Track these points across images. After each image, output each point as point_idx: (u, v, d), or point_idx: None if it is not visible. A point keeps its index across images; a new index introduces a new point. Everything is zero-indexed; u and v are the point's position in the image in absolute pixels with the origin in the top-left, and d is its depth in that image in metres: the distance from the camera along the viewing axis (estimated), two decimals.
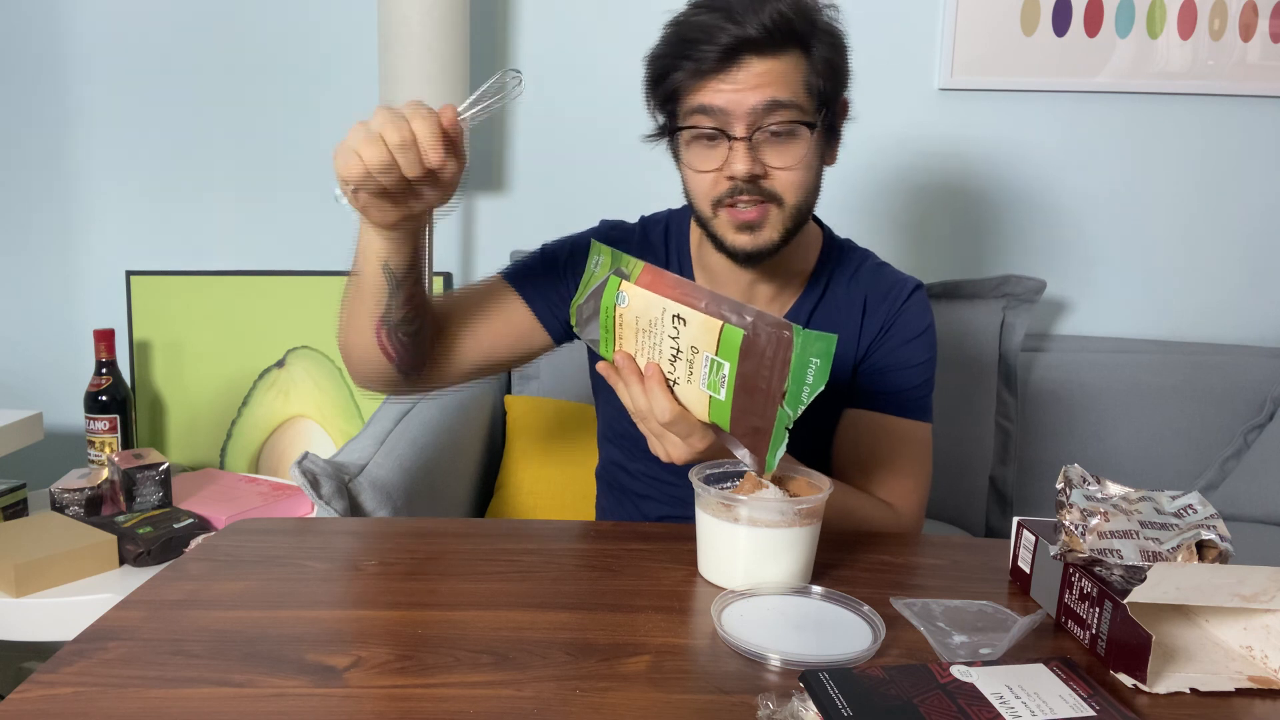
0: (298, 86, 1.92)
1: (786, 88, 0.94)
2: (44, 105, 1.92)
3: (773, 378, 0.73)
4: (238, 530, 0.92)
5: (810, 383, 0.72)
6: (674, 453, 0.83)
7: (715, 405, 0.78)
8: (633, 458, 1.17)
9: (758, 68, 0.93)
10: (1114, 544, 0.72)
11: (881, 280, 1.12)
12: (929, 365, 1.11)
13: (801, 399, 0.72)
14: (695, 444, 0.82)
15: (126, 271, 1.90)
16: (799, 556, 0.79)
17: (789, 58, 0.94)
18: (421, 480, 1.30)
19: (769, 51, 0.93)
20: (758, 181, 0.95)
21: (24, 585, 1.32)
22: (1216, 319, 1.98)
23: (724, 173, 0.95)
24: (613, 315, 0.84)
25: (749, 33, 0.91)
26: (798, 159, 0.96)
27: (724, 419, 0.78)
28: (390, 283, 0.92)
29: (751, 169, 0.94)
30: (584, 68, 1.90)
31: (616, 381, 0.84)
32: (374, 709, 0.61)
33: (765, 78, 0.93)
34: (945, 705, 0.59)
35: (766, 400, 0.74)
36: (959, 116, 1.91)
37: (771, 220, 0.97)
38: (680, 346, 0.79)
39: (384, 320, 0.96)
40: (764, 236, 0.98)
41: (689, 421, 0.81)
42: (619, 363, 0.83)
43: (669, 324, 0.79)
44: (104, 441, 1.71)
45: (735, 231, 0.98)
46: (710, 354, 0.77)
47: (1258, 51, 1.87)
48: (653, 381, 0.81)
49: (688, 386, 0.80)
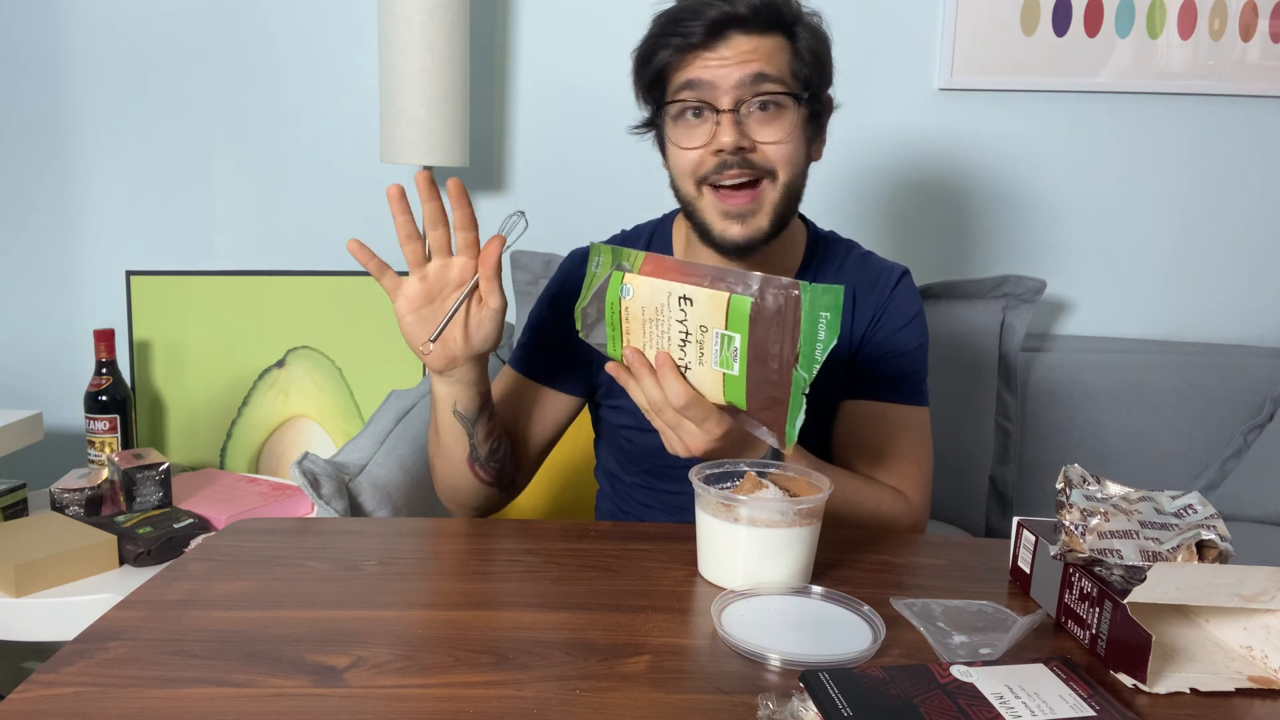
0: (298, 86, 1.92)
1: (772, 64, 0.95)
2: (44, 105, 1.92)
3: (784, 340, 0.73)
4: (238, 530, 0.92)
5: (823, 339, 0.72)
6: (692, 443, 0.82)
7: (730, 383, 0.78)
8: (628, 470, 1.17)
9: (744, 45, 0.94)
10: (1114, 544, 0.72)
11: (868, 269, 1.12)
12: (923, 350, 1.11)
13: (815, 357, 0.73)
14: (712, 429, 0.81)
15: (126, 271, 1.90)
16: (799, 556, 0.79)
17: (774, 39, 0.95)
18: (421, 480, 1.30)
19: (755, 30, 0.94)
20: (745, 155, 0.95)
21: (24, 585, 1.32)
22: (1216, 319, 1.98)
23: (710, 147, 0.95)
24: (618, 310, 0.84)
25: (737, 10, 0.93)
26: (786, 132, 0.96)
27: (739, 395, 0.78)
28: (465, 425, 0.97)
29: (738, 141, 0.94)
30: (584, 68, 1.90)
31: (627, 380, 0.84)
32: (374, 709, 0.61)
33: (752, 54, 0.94)
34: (945, 705, 0.59)
35: (781, 366, 0.74)
36: (959, 116, 1.91)
37: (765, 203, 0.97)
38: (689, 328, 0.79)
39: (473, 457, 1.00)
40: (755, 224, 0.98)
41: (704, 406, 0.80)
42: (628, 358, 0.83)
43: (676, 307, 0.79)
44: (104, 441, 1.71)
45: (724, 220, 0.98)
46: (720, 329, 0.76)
47: (1258, 51, 1.87)
48: (664, 368, 0.80)
49: (700, 369, 0.79)
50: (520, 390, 1.11)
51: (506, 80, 1.93)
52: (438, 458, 1.03)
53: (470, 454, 0.99)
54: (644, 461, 1.13)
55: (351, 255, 0.91)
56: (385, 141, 1.72)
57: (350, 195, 1.95)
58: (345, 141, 1.92)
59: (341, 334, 1.90)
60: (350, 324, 1.90)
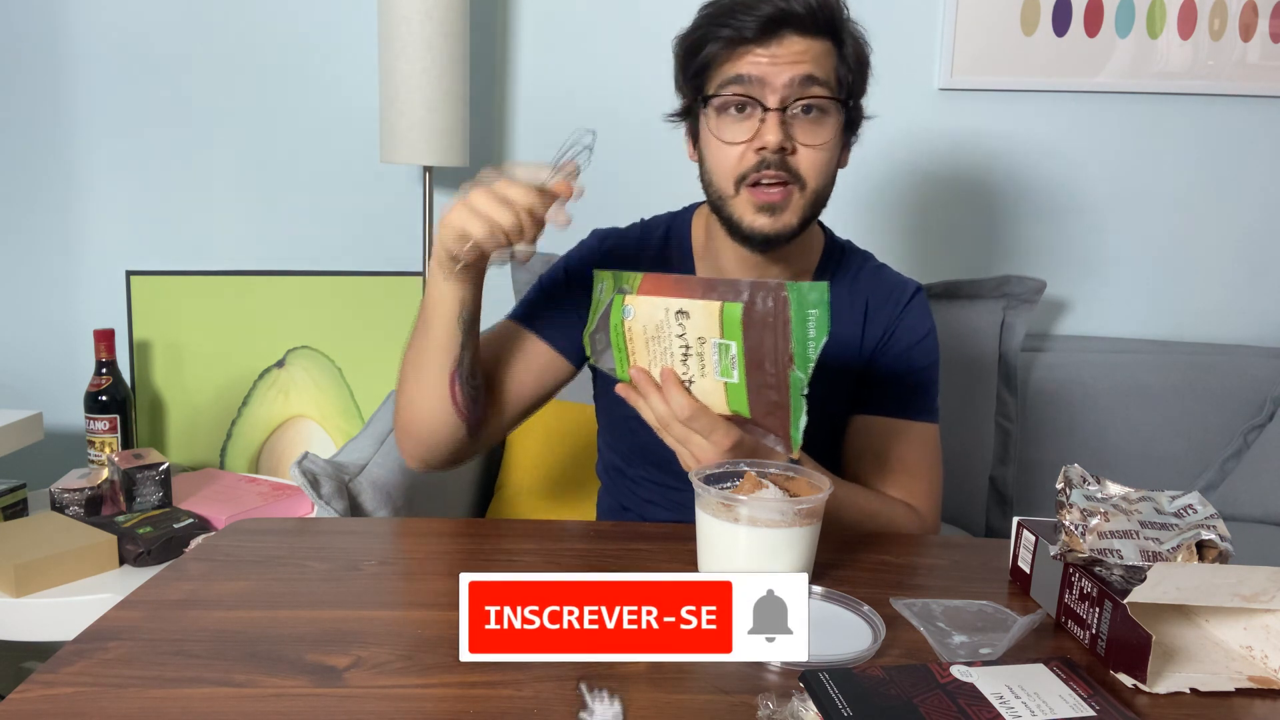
0: (298, 86, 1.92)
1: (820, 68, 0.95)
2: (44, 105, 1.92)
3: (778, 341, 0.74)
4: (238, 530, 0.92)
5: (813, 336, 0.73)
6: (701, 455, 0.83)
7: (732, 391, 0.79)
8: (631, 463, 1.17)
9: (797, 44, 0.93)
10: (1114, 544, 0.72)
11: (882, 284, 1.12)
12: (934, 368, 1.12)
13: (809, 356, 0.73)
14: (720, 441, 0.82)
15: (126, 271, 1.90)
16: (799, 556, 0.79)
17: (824, 43, 0.95)
18: (421, 480, 1.30)
19: (808, 31, 0.94)
20: (784, 156, 0.95)
21: (24, 585, 1.32)
22: (1216, 319, 1.98)
23: (753, 144, 0.95)
24: (622, 332, 0.85)
25: (793, 8, 0.92)
26: (825, 139, 0.96)
27: (742, 403, 0.78)
28: (464, 332, 0.95)
29: (782, 140, 0.94)
30: (584, 68, 1.90)
31: (636, 400, 0.85)
32: (374, 709, 0.61)
33: (803, 55, 0.93)
34: (945, 705, 0.59)
35: (777, 368, 0.75)
36: (959, 116, 1.91)
37: (793, 203, 0.97)
38: (689, 341, 0.80)
39: (457, 372, 0.97)
40: (783, 220, 0.98)
41: (710, 417, 0.81)
42: (635, 378, 0.84)
43: (674, 322, 0.80)
44: (104, 441, 1.71)
45: (755, 212, 0.97)
46: (717, 339, 0.77)
47: (1258, 51, 1.87)
48: (668, 382, 0.81)
49: (703, 381, 0.80)
50: (509, 335, 1.09)
51: (506, 80, 1.93)
52: (416, 375, 0.99)
53: (456, 367, 0.96)
54: (649, 454, 1.12)
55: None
56: (385, 141, 1.72)
57: (350, 195, 1.95)
58: (345, 141, 1.92)
59: (341, 334, 1.90)
60: (350, 324, 1.90)
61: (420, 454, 1.05)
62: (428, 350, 0.97)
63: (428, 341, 0.97)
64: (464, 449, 1.05)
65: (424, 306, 0.96)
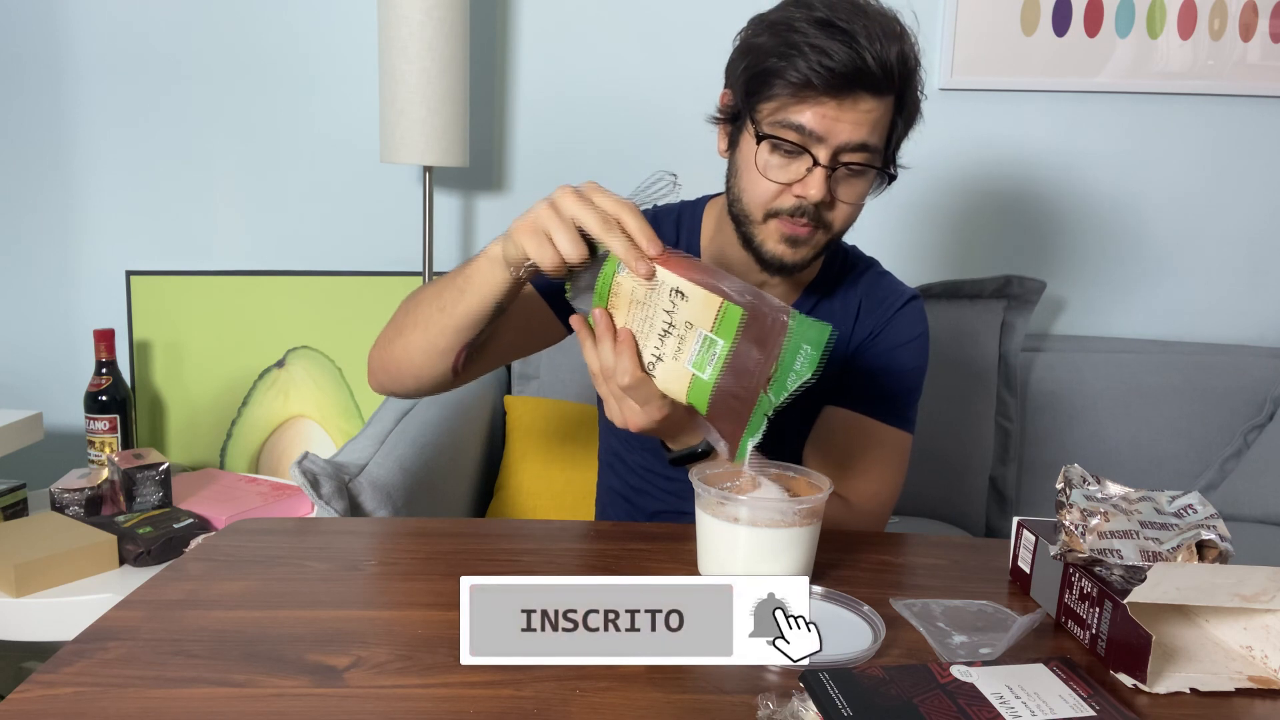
0: (298, 86, 1.92)
1: (876, 132, 0.94)
2: (44, 105, 1.92)
3: (764, 361, 0.74)
4: (238, 530, 0.92)
5: (798, 370, 0.72)
6: (631, 419, 0.83)
7: (696, 385, 0.78)
8: (630, 449, 1.18)
9: (865, 105, 0.92)
10: (1114, 544, 0.72)
11: (879, 288, 1.13)
12: (916, 375, 1.11)
13: (787, 385, 0.73)
14: (652, 412, 0.82)
15: (126, 271, 1.90)
16: (799, 556, 0.79)
17: (887, 101, 0.94)
18: (421, 480, 1.30)
19: (879, 91, 0.93)
20: (819, 207, 0.96)
21: (24, 585, 1.32)
22: (1216, 319, 1.98)
23: (794, 190, 0.95)
24: (610, 283, 0.82)
25: (869, 66, 0.90)
26: (858, 196, 0.98)
27: (703, 401, 0.78)
28: (495, 316, 0.93)
29: (824, 197, 0.95)
30: (585, 68, 1.90)
31: (585, 337, 0.83)
32: (374, 709, 0.61)
33: (866, 118, 0.93)
34: (945, 705, 0.59)
35: (752, 384, 0.74)
36: (959, 116, 1.91)
37: (814, 240, 0.99)
38: (675, 321, 0.78)
39: (472, 344, 0.96)
40: (802, 253, 0.99)
41: (649, 389, 0.81)
42: (596, 317, 0.81)
43: (666, 298, 0.78)
44: (104, 441, 1.71)
45: (778, 241, 0.99)
46: (706, 330, 0.76)
47: (1258, 51, 1.87)
48: (623, 344, 0.80)
49: (673, 363, 0.79)
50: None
51: (506, 80, 1.93)
52: (424, 331, 0.96)
53: (473, 340, 0.95)
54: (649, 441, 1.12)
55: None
56: (385, 141, 1.72)
57: (350, 195, 1.95)
58: (345, 141, 1.92)
59: (341, 334, 1.90)
60: (350, 324, 1.90)
61: (391, 389, 1.04)
62: (450, 317, 0.94)
63: (454, 310, 0.94)
64: (437, 392, 1.05)
65: (463, 275, 0.92)
